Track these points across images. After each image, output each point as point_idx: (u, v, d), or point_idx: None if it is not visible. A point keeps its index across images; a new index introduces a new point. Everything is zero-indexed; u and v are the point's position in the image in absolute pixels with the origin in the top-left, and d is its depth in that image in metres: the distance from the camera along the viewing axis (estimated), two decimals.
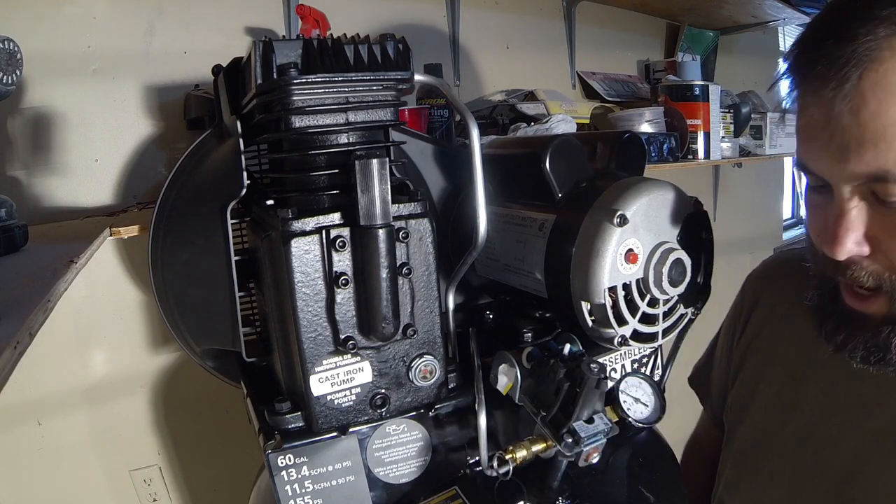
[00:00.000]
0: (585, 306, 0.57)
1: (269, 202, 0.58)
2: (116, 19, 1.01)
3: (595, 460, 0.55)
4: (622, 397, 0.61)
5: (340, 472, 0.54)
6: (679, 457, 0.72)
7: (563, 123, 1.22)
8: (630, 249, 0.56)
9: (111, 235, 0.81)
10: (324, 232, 0.51)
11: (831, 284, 0.55)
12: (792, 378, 0.65)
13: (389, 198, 0.50)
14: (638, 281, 0.57)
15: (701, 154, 1.46)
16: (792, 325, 0.67)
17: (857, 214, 0.48)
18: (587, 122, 1.43)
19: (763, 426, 0.65)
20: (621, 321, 0.57)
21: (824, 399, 0.61)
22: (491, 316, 0.72)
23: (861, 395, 0.58)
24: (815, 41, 0.48)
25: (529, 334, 0.64)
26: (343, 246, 0.51)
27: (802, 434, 0.61)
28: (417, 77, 0.55)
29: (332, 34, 0.69)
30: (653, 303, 0.59)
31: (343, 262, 0.52)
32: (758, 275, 0.76)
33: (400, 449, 0.57)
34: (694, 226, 0.60)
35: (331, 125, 0.54)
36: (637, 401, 0.62)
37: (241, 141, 0.59)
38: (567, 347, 0.57)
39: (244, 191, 0.59)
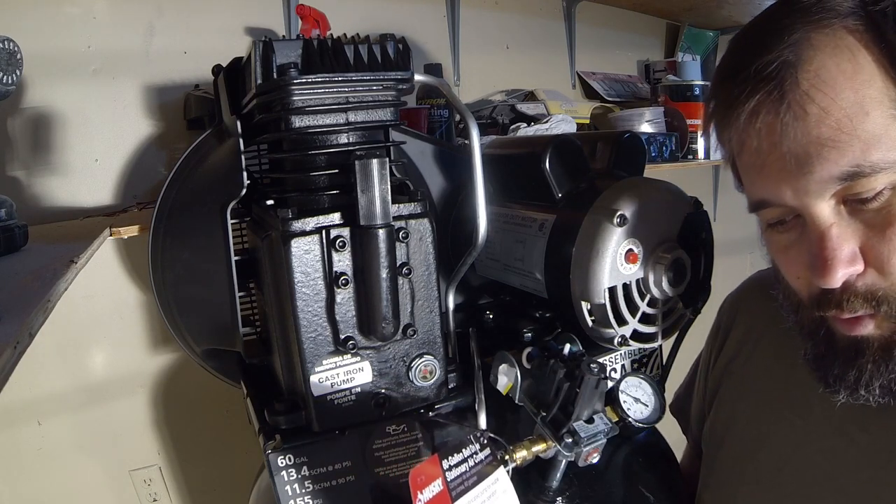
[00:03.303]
0: (585, 306, 0.57)
1: (269, 202, 0.58)
2: (116, 19, 1.01)
3: (595, 460, 0.55)
4: (622, 397, 0.61)
5: (340, 472, 0.54)
6: (679, 457, 0.72)
7: (563, 123, 1.22)
8: (630, 249, 0.56)
9: (111, 235, 0.81)
10: (324, 232, 0.51)
11: (822, 329, 0.50)
12: (767, 402, 0.61)
13: (389, 198, 0.50)
14: (638, 281, 0.57)
15: (701, 154, 1.46)
16: (767, 347, 0.64)
17: (839, 230, 0.44)
18: (587, 122, 1.43)
19: (739, 452, 0.62)
20: (621, 321, 0.57)
21: (801, 424, 0.57)
22: (491, 316, 0.72)
23: (840, 421, 0.54)
24: (733, 72, 0.45)
25: (529, 334, 0.64)
26: (343, 246, 0.51)
27: (778, 461, 0.58)
28: (417, 77, 0.55)
29: (332, 34, 0.69)
30: (653, 303, 0.59)
31: (343, 262, 0.52)
32: (734, 297, 0.72)
33: (400, 449, 0.57)
34: (694, 226, 0.60)
35: (331, 125, 0.54)
36: (637, 401, 0.62)
37: (241, 141, 0.59)
38: (567, 347, 0.57)
39: (244, 191, 0.59)
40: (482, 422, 0.55)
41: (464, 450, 0.50)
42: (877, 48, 0.42)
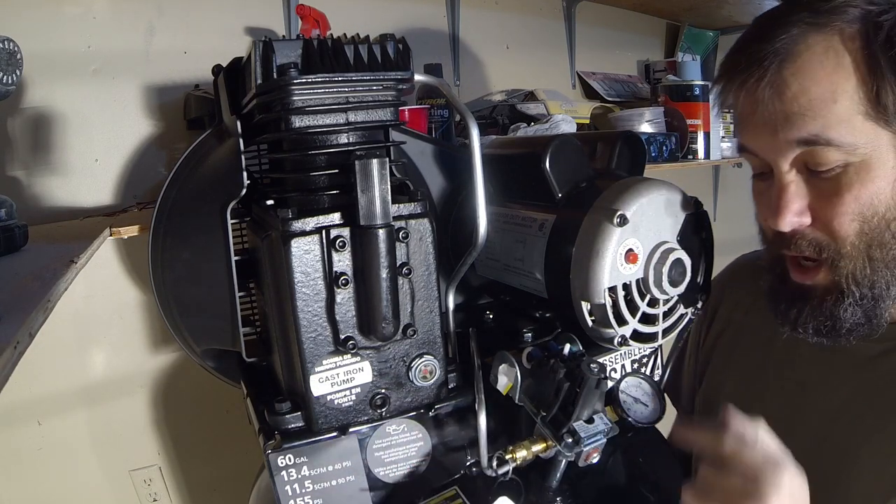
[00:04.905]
0: (585, 306, 0.57)
1: (269, 202, 0.58)
2: (116, 19, 1.01)
3: (595, 460, 0.55)
4: (622, 397, 0.61)
5: (340, 472, 0.54)
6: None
7: (563, 123, 1.22)
8: (630, 249, 0.56)
9: (111, 235, 0.81)
10: (324, 232, 0.51)
11: (779, 268, 0.61)
12: (752, 368, 0.69)
13: (389, 198, 0.50)
14: (638, 281, 0.57)
15: (701, 154, 1.46)
16: (752, 318, 0.71)
17: (795, 188, 0.56)
18: (587, 122, 1.43)
19: None
20: (621, 321, 0.57)
21: (782, 384, 0.65)
22: (491, 316, 0.72)
23: (815, 377, 0.62)
24: (741, 48, 0.57)
25: (529, 334, 0.64)
26: (343, 246, 0.51)
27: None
28: (417, 77, 0.55)
29: (332, 34, 0.69)
30: (653, 303, 0.59)
31: (343, 262, 0.51)
32: (721, 277, 0.79)
33: (400, 449, 0.57)
34: (694, 226, 0.60)
35: (331, 125, 0.54)
36: (637, 401, 0.62)
37: (241, 141, 0.59)
38: (567, 347, 0.57)
39: (244, 191, 0.59)
40: (482, 421, 0.55)
41: None
42: (861, 54, 0.51)
